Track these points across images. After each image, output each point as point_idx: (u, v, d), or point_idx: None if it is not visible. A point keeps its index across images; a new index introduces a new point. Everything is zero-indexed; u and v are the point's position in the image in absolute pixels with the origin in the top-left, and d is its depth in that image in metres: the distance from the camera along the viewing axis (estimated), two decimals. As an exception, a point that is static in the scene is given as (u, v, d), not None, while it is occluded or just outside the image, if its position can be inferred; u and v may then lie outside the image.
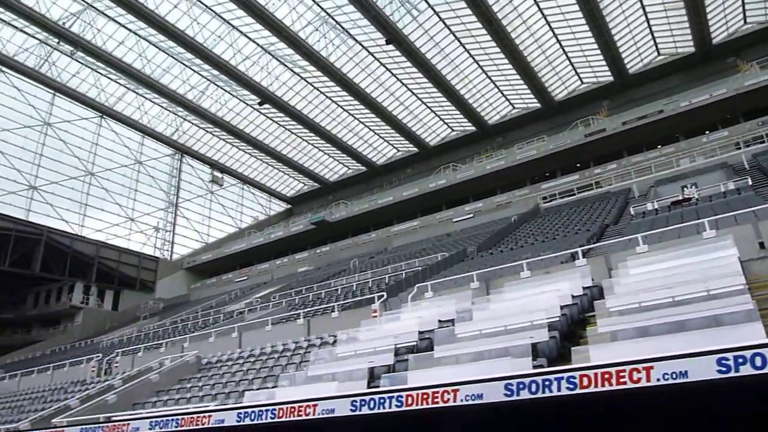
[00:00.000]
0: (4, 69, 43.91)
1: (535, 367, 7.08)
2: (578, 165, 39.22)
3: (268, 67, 43.99)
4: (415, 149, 52.75)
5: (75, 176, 48.62)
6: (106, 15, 39.53)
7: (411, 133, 50.27)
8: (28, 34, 41.75)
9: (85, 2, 38.60)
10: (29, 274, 43.11)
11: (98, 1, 38.23)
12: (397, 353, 10.35)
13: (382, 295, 16.70)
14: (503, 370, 6.10)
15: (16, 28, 40.89)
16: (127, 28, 40.58)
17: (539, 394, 4.32)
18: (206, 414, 4.03)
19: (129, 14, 38.19)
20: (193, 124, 52.12)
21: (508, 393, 4.45)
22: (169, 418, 4.14)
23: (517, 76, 42.51)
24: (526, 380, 4.43)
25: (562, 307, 9.65)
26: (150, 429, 4.26)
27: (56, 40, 40.90)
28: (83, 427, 4.37)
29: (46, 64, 44.72)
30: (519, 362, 7.17)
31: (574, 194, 34.69)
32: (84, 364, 20.61)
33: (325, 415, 4.26)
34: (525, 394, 4.36)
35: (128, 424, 4.39)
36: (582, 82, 44.87)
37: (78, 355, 25.23)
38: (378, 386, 8.06)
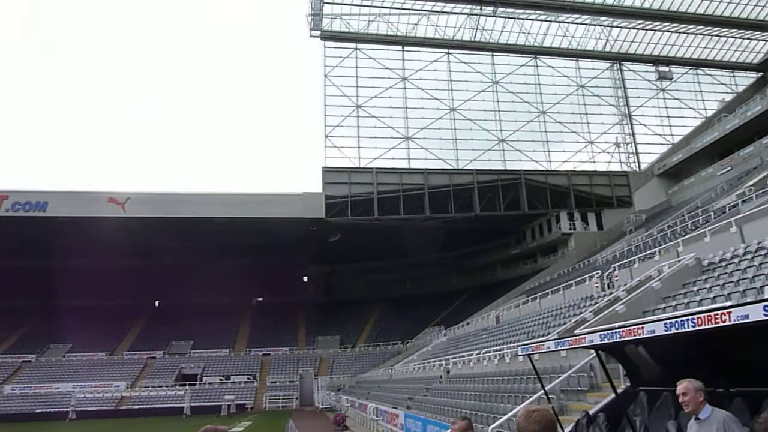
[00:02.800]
0: (451, 51, 51.76)
1: None
2: None
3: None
4: None
5: (530, 119, 53.02)
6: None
7: None
8: (457, 14, 47.81)
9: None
10: (520, 213, 49.51)
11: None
12: None
13: None
14: None
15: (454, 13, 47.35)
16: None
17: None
18: (724, 311, 3.83)
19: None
20: (621, 28, 49.36)
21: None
22: (684, 318, 4.10)
23: None
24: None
25: None
26: (666, 330, 4.30)
27: (479, 7, 45.45)
28: (602, 333, 4.75)
29: (477, 32, 50.42)
30: None
31: None
32: (587, 281, 22.33)
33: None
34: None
35: (642, 327, 4.55)
36: None
37: (579, 274, 27.52)
38: None
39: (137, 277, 59.66)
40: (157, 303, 65.25)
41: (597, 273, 22.55)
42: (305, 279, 69.03)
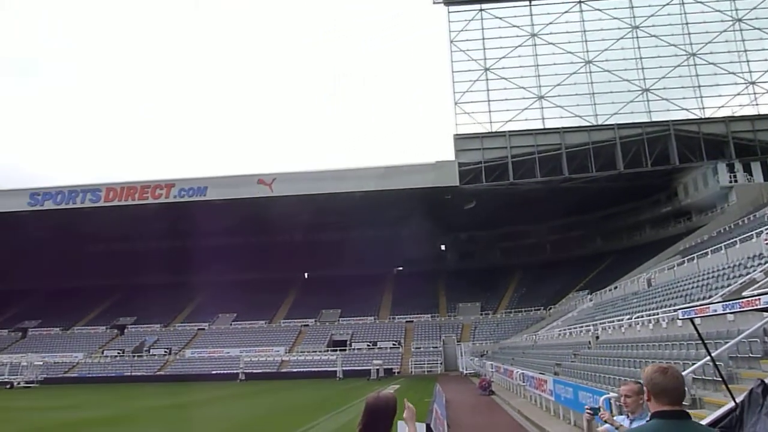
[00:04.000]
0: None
1: None
2: None
3: None
4: None
5: (677, 64, 48.27)
6: None
7: None
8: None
9: None
10: (670, 168, 45.66)
11: None
12: None
13: None
14: None
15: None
16: None
17: None
18: None
19: None
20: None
21: None
22: None
23: None
24: None
25: None
26: None
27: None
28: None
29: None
30: None
31: None
32: (755, 238, 20.21)
33: None
34: None
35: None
36: None
37: (744, 231, 24.93)
38: None
39: (286, 252, 64.59)
40: (306, 275, 69.88)
41: (766, 228, 20.31)
42: (443, 247, 69.78)
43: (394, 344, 51.85)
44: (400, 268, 68.40)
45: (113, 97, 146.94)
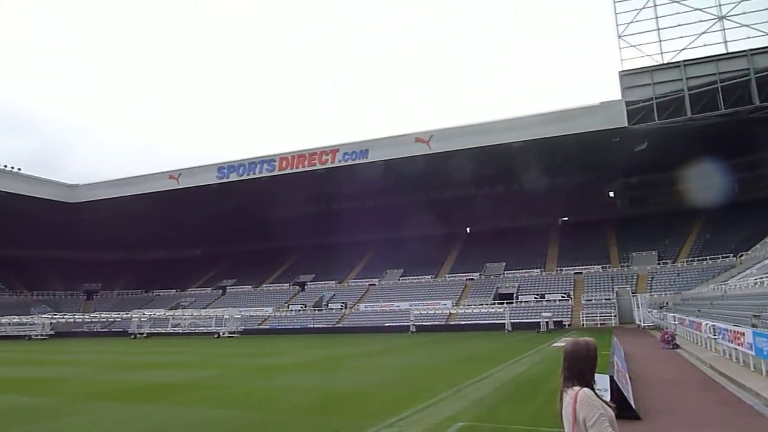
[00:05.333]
0: None
1: None
2: None
3: None
4: None
5: None
6: None
7: None
8: None
9: None
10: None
11: None
12: None
13: None
14: None
15: None
16: None
17: None
18: None
19: None
20: None
21: None
22: None
23: None
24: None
25: None
26: None
27: None
28: None
29: None
30: None
31: None
32: None
33: None
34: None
35: None
36: None
37: None
38: None
39: (448, 208, 65.57)
40: (468, 230, 70.26)
41: None
42: (611, 194, 65.50)
43: (563, 296, 50.43)
44: (565, 219, 65.77)
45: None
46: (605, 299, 48.56)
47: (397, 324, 50.75)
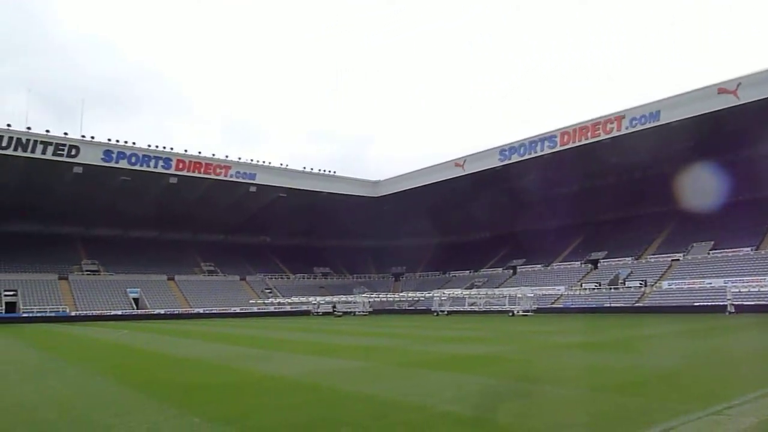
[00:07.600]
0: None
1: None
2: None
3: None
4: None
5: None
6: None
7: None
8: None
9: None
10: None
11: None
12: None
13: None
14: None
15: None
16: None
17: None
18: None
19: None
20: None
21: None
22: None
23: None
24: None
25: None
26: None
27: None
28: None
29: None
30: None
31: None
32: None
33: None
34: None
35: None
36: None
37: None
38: None
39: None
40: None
41: None
42: None
43: None
44: None
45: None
46: None
47: (709, 304, 45.05)
